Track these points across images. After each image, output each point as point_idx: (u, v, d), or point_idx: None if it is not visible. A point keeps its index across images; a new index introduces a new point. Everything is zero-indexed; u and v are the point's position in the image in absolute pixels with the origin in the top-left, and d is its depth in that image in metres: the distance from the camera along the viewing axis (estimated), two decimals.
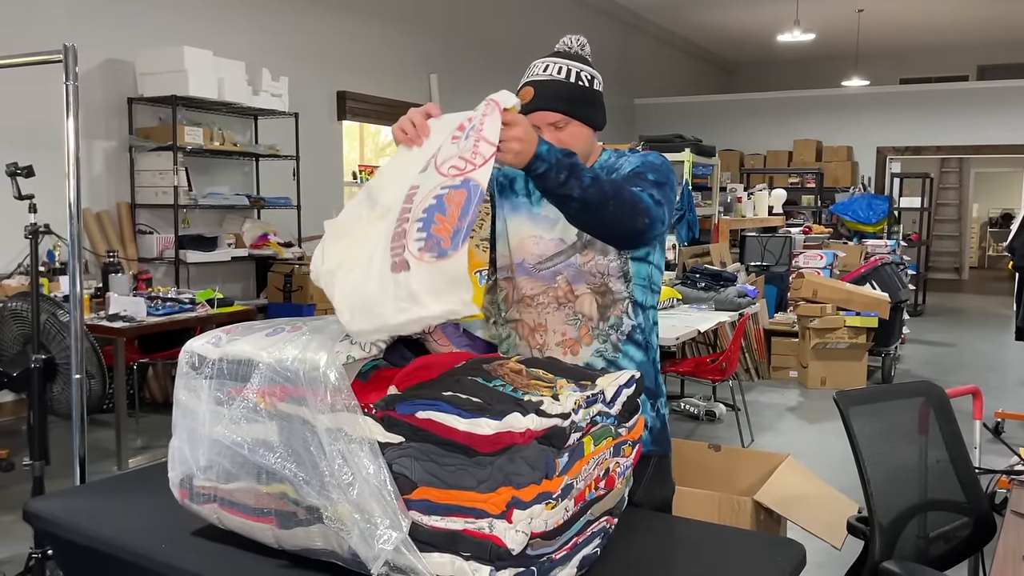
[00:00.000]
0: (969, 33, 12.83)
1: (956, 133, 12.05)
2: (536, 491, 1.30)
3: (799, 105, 12.91)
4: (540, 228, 1.87)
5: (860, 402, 2.07)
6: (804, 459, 3.50)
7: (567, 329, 1.86)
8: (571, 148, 1.76)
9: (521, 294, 1.91)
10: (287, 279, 5.99)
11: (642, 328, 1.90)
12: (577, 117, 1.82)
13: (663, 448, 1.94)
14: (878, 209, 9.98)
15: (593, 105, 1.85)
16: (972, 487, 2.17)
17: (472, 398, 1.35)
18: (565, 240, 1.83)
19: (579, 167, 1.63)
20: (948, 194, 15.93)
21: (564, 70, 1.82)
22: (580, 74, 1.82)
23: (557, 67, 1.82)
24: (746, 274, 7.00)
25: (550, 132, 1.81)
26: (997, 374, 6.96)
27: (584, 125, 1.84)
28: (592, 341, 1.86)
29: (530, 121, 1.78)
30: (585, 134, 1.85)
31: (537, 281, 1.88)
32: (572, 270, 1.84)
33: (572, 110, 1.81)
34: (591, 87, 1.84)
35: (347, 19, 7.30)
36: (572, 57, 1.85)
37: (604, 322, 1.86)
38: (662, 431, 1.94)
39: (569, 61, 1.83)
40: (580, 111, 1.82)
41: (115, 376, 4.20)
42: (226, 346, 1.55)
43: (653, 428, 1.91)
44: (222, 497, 1.54)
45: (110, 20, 5.38)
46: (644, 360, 1.90)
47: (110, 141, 5.43)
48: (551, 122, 1.81)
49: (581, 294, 1.85)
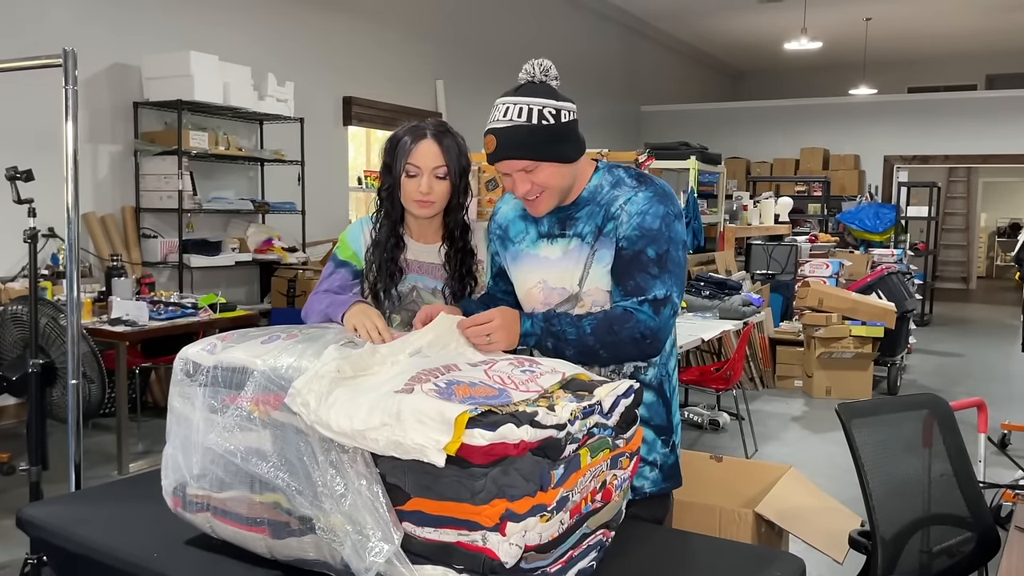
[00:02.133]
0: (977, 42, 12.80)
1: (964, 142, 12.00)
2: (530, 503, 1.28)
3: (806, 113, 12.88)
4: (542, 271, 1.83)
5: (863, 414, 2.05)
6: (808, 470, 3.47)
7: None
8: (548, 185, 1.74)
9: None
10: (291, 284, 5.99)
11: (656, 363, 1.84)
12: (545, 159, 1.70)
13: (674, 483, 1.90)
14: (885, 218, 9.94)
15: (562, 141, 1.72)
16: (976, 501, 2.14)
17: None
18: (568, 289, 1.80)
19: (562, 333, 1.70)
20: (956, 203, 15.87)
21: (526, 111, 1.68)
22: (544, 112, 1.68)
23: (518, 109, 1.68)
24: (751, 282, 6.97)
25: (522, 177, 1.72)
26: (1004, 385, 6.91)
27: (555, 163, 1.72)
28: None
29: (498, 169, 1.76)
30: (559, 172, 1.73)
31: None
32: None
33: (538, 153, 1.69)
34: (557, 122, 1.69)
35: (353, 25, 7.31)
36: (536, 91, 1.71)
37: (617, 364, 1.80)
38: (674, 467, 1.89)
39: (531, 99, 1.69)
40: (548, 151, 1.70)
41: (117, 380, 4.20)
42: (221, 353, 1.54)
43: (664, 465, 1.86)
44: (215, 506, 1.53)
45: (117, 24, 5.39)
46: (655, 401, 1.84)
47: (115, 145, 5.44)
48: (519, 168, 1.72)
49: None
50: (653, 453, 1.85)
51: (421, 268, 1.98)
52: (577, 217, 1.80)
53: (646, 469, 1.84)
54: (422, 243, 2.00)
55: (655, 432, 1.85)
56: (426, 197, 1.89)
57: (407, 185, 1.90)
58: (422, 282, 1.97)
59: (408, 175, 1.89)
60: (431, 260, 1.98)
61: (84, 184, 5.15)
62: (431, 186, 1.88)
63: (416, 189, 1.88)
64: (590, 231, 1.78)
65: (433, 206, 1.91)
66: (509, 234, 1.90)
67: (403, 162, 1.89)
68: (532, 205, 1.78)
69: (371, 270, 1.96)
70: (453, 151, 1.91)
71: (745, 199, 8.59)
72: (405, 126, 1.93)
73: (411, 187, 1.89)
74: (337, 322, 1.74)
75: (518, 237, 1.87)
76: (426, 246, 2.00)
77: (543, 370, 1.50)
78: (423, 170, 1.88)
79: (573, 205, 1.82)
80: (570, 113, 1.73)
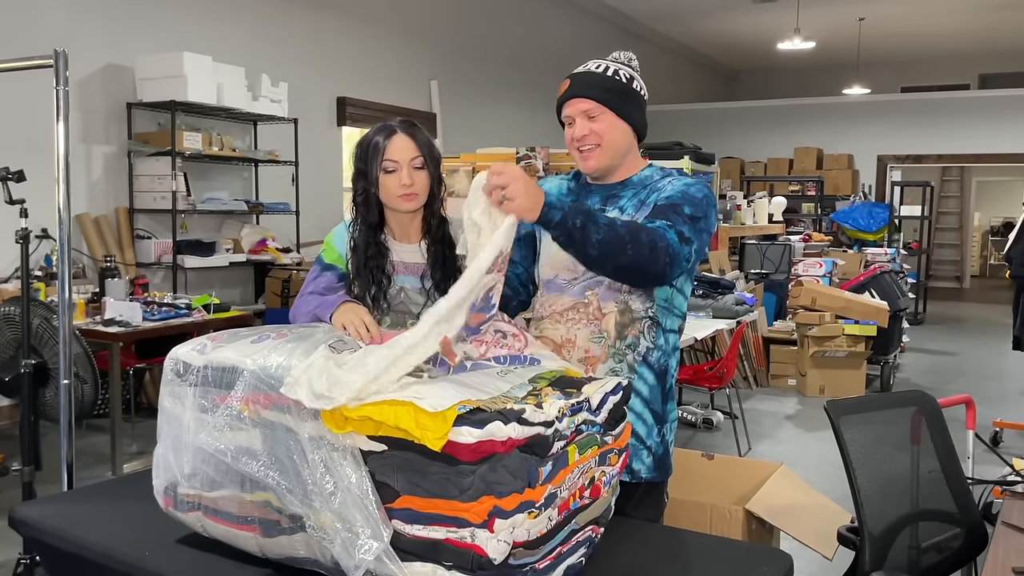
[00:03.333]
0: (970, 42, 12.83)
1: (957, 142, 12.03)
2: (518, 500, 1.29)
3: (800, 113, 12.90)
4: None
5: (851, 411, 2.06)
6: (801, 468, 3.48)
7: (591, 346, 1.85)
8: (605, 138, 1.81)
9: (550, 310, 1.90)
10: (285, 284, 5.99)
11: (661, 350, 1.87)
12: (611, 107, 1.81)
13: (663, 475, 1.92)
14: (879, 217, 9.97)
15: (631, 102, 1.84)
16: (964, 497, 2.16)
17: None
18: None
19: (593, 212, 1.63)
20: (949, 202, 15.91)
21: (603, 66, 1.84)
22: (619, 72, 1.84)
23: (597, 64, 1.85)
24: (745, 281, 6.98)
25: (583, 121, 1.81)
26: (997, 383, 6.94)
27: (619, 118, 1.82)
28: (608, 359, 1.84)
29: (565, 111, 1.85)
30: (620, 127, 1.83)
31: (567, 297, 1.87)
32: (603, 287, 1.83)
33: (605, 99, 1.80)
34: (630, 85, 1.84)
35: (347, 25, 7.31)
36: (618, 61, 1.88)
37: (621, 341, 1.84)
38: (664, 457, 1.91)
39: (611, 62, 1.86)
40: (614, 102, 1.81)
41: (110, 381, 4.19)
42: (211, 353, 1.55)
43: (656, 453, 1.88)
44: (206, 505, 1.54)
45: (110, 25, 5.39)
46: (655, 384, 1.87)
47: (109, 146, 5.44)
48: (584, 110, 1.81)
49: (608, 312, 1.84)
50: (651, 439, 1.88)
51: (407, 268, 1.99)
52: (622, 195, 1.88)
53: (644, 453, 1.87)
54: (405, 243, 2.01)
55: (655, 418, 1.87)
56: (409, 189, 1.91)
57: (387, 182, 1.92)
58: (409, 282, 1.98)
59: (386, 171, 1.92)
60: (416, 260, 1.99)
61: (78, 185, 5.15)
62: (412, 177, 1.91)
63: (398, 183, 1.91)
64: (632, 205, 1.85)
65: (417, 198, 1.94)
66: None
67: (379, 161, 1.91)
68: (584, 156, 1.85)
69: (358, 278, 1.95)
70: (425, 141, 1.96)
71: (739, 199, 8.60)
72: (371, 129, 1.98)
73: (392, 183, 1.92)
74: (326, 322, 1.75)
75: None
76: (409, 246, 2.01)
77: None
78: (401, 163, 1.91)
79: (620, 184, 1.89)
80: (642, 88, 1.88)
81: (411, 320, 1.91)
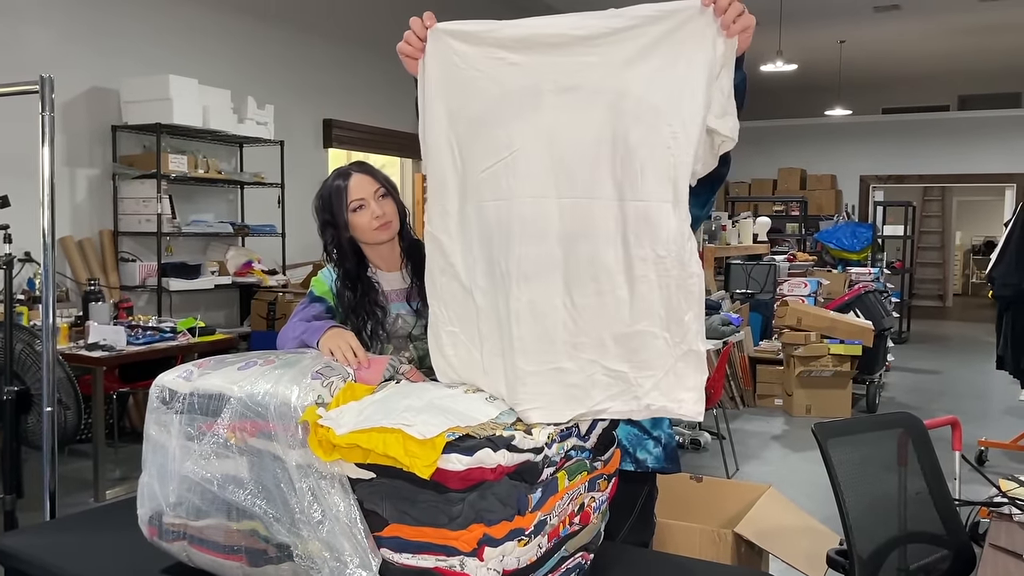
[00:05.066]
0: (949, 64, 13.02)
1: (938, 162, 12.18)
2: (508, 528, 1.28)
3: (783, 134, 13.03)
4: None
5: (839, 433, 2.07)
6: (789, 489, 3.49)
7: None
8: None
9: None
10: (271, 307, 5.96)
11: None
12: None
13: (674, 466, 1.95)
14: (862, 237, 10.05)
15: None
16: (952, 519, 2.16)
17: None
18: None
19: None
20: (931, 222, 16.06)
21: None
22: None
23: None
24: (731, 302, 7.01)
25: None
26: (981, 402, 6.98)
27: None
28: None
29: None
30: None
31: None
32: None
33: None
34: None
35: (333, 47, 7.34)
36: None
37: None
38: (675, 448, 1.95)
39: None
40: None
41: (93, 406, 4.15)
42: (198, 380, 1.54)
43: (668, 445, 1.92)
44: (192, 534, 1.52)
45: (96, 48, 5.38)
46: None
47: (93, 168, 5.41)
48: None
49: None
50: (658, 429, 1.91)
51: (398, 296, 2.02)
52: None
53: (650, 444, 1.89)
54: (389, 272, 2.05)
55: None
56: (382, 219, 1.96)
57: (359, 220, 1.97)
58: (403, 308, 2.01)
59: (355, 211, 1.97)
60: (402, 286, 2.04)
61: (62, 208, 5.11)
62: (382, 207, 1.97)
63: (370, 217, 1.96)
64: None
65: (391, 225, 1.99)
66: None
67: (345, 203, 1.97)
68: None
69: (353, 316, 1.97)
70: (381, 176, 2.03)
71: (724, 219, 8.66)
72: (326, 180, 2.04)
73: (364, 219, 1.97)
74: (313, 347, 1.74)
75: None
76: (394, 274, 2.05)
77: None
78: (367, 198, 1.97)
79: None
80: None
81: (410, 345, 1.96)
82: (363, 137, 7.60)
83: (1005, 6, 9.73)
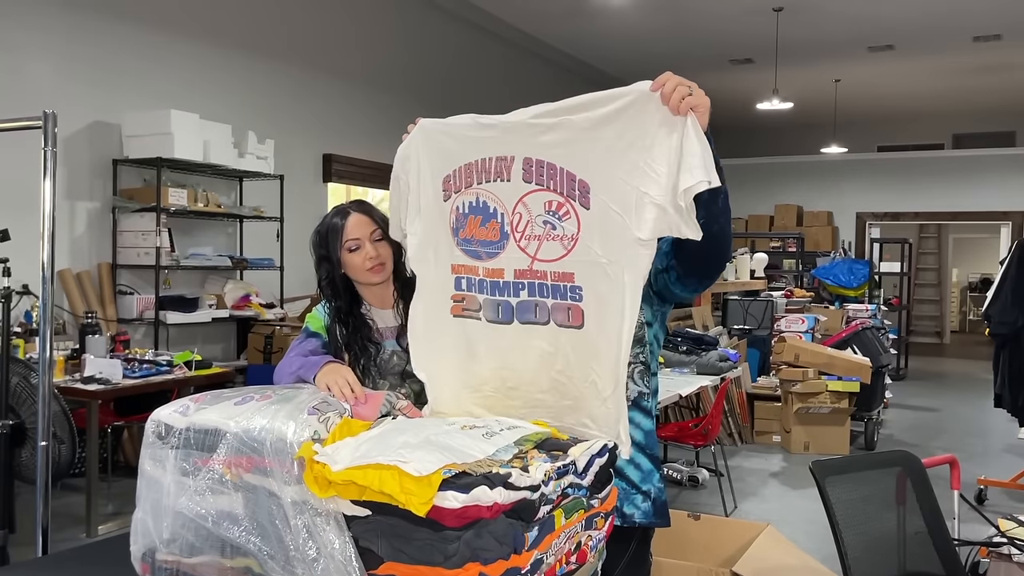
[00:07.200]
0: (943, 103, 13.17)
1: (933, 199, 12.27)
2: (504, 567, 1.27)
3: (780, 171, 13.14)
4: None
5: (837, 471, 2.06)
6: (787, 526, 3.46)
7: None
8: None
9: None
10: (268, 340, 5.95)
11: (652, 391, 1.85)
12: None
13: (663, 521, 1.85)
14: (859, 273, 10.07)
15: None
16: (950, 559, 2.15)
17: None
18: None
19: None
20: (927, 259, 16.13)
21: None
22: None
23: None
24: (728, 338, 7.01)
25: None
26: (980, 440, 6.95)
27: None
28: None
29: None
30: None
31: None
32: None
33: None
34: None
35: (333, 82, 7.42)
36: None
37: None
38: (665, 503, 1.86)
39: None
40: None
41: (88, 440, 4.13)
42: (194, 415, 1.53)
43: (657, 500, 1.82)
44: (185, 571, 1.51)
45: (98, 82, 5.43)
46: (652, 429, 1.84)
47: (94, 202, 5.44)
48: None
49: None
50: (648, 483, 1.82)
51: (391, 333, 2.03)
52: None
53: (638, 498, 1.80)
54: (383, 309, 2.06)
55: (651, 462, 1.83)
56: (376, 261, 1.98)
57: (353, 260, 1.99)
58: (396, 346, 2.01)
59: (350, 251, 1.99)
60: (395, 323, 2.04)
61: (61, 241, 5.13)
62: (377, 250, 1.99)
63: (365, 258, 1.98)
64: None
65: (385, 268, 2.01)
66: None
67: (341, 241, 1.99)
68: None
69: (346, 351, 1.98)
70: (379, 216, 2.04)
71: None
72: (325, 216, 2.07)
73: (358, 260, 1.99)
74: (310, 382, 1.74)
75: None
76: (387, 311, 2.06)
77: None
78: (362, 239, 1.99)
79: None
80: None
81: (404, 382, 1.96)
82: (363, 172, 7.65)
83: (998, 46, 9.88)
